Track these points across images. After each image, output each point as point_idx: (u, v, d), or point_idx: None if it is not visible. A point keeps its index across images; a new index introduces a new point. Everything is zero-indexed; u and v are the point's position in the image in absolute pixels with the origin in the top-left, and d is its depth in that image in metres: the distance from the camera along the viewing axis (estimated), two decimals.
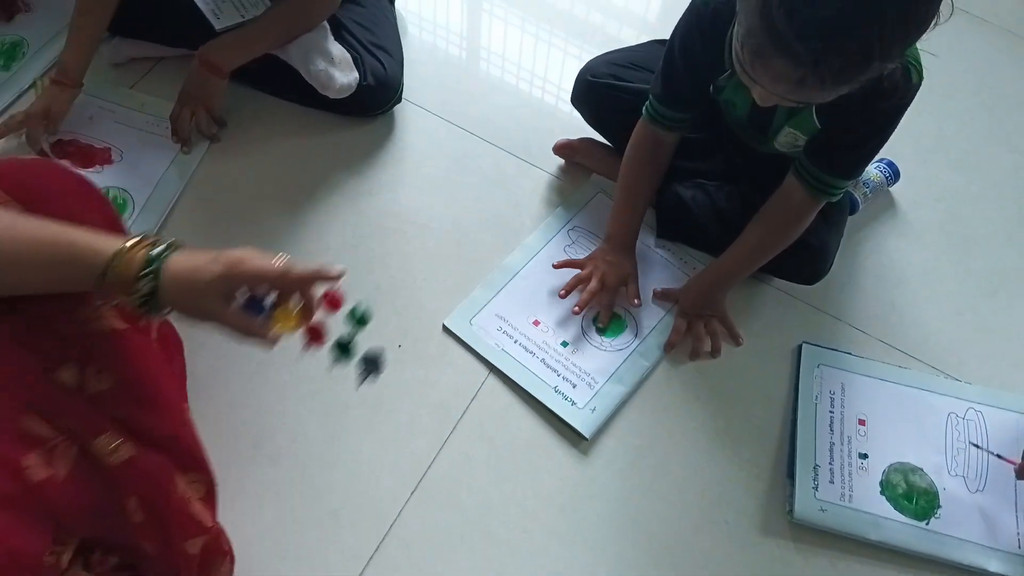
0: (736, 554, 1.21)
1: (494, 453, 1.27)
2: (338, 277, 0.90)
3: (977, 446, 1.30)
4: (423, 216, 1.50)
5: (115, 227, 0.95)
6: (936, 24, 0.92)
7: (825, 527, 1.22)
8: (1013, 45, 1.92)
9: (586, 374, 1.34)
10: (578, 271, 1.42)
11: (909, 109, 1.15)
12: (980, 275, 1.53)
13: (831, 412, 1.32)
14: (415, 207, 1.50)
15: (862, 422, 1.32)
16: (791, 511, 1.23)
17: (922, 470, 1.28)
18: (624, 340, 1.38)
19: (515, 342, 1.36)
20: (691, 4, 1.20)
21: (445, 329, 1.37)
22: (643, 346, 1.38)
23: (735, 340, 1.40)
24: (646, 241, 1.49)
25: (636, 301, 1.40)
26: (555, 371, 1.34)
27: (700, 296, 1.38)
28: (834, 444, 1.29)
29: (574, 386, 1.33)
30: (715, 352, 1.38)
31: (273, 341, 0.88)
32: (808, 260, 1.36)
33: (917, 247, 1.55)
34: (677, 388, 1.35)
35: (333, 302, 0.92)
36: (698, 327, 1.38)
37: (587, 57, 1.51)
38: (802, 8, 0.88)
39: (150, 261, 0.83)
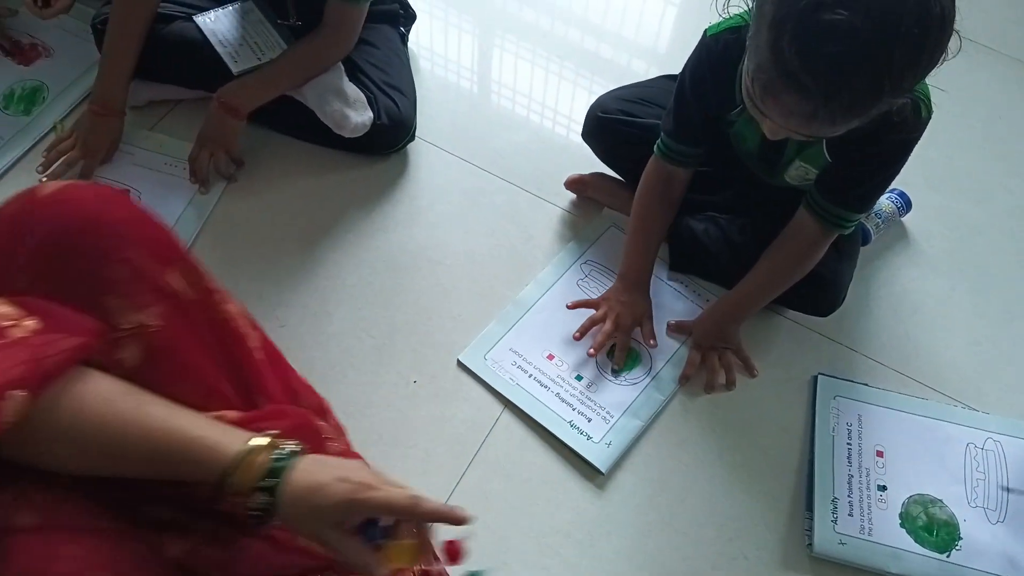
0: None
1: (511, 488, 1.27)
2: (465, 522, 0.81)
3: (1008, 490, 1.29)
4: (437, 252, 1.51)
5: (172, 248, 0.86)
6: (945, 60, 0.93)
7: (845, 560, 1.21)
8: (1022, 73, 1.93)
9: (601, 408, 1.34)
10: (592, 311, 1.42)
11: (922, 140, 1.16)
12: (996, 304, 1.53)
13: (848, 444, 1.32)
14: (429, 243, 1.52)
15: (880, 454, 1.31)
16: (810, 545, 1.22)
17: (942, 502, 1.27)
18: (638, 374, 1.38)
19: (529, 376, 1.36)
20: (701, 39, 1.22)
21: (460, 364, 1.37)
22: (657, 379, 1.38)
23: (750, 372, 1.39)
24: (659, 274, 1.50)
25: (652, 342, 1.40)
26: (570, 405, 1.34)
27: (714, 328, 1.38)
28: (852, 476, 1.28)
29: (589, 420, 1.33)
30: (730, 384, 1.38)
31: (384, 574, 0.80)
32: (821, 292, 1.36)
33: (931, 277, 1.55)
34: (693, 421, 1.35)
35: (454, 554, 0.87)
36: (712, 359, 1.38)
37: (598, 90, 1.53)
38: (813, 44, 0.89)
39: (272, 472, 0.76)
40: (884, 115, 0.99)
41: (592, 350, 1.38)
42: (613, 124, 1.46)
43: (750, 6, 1.05)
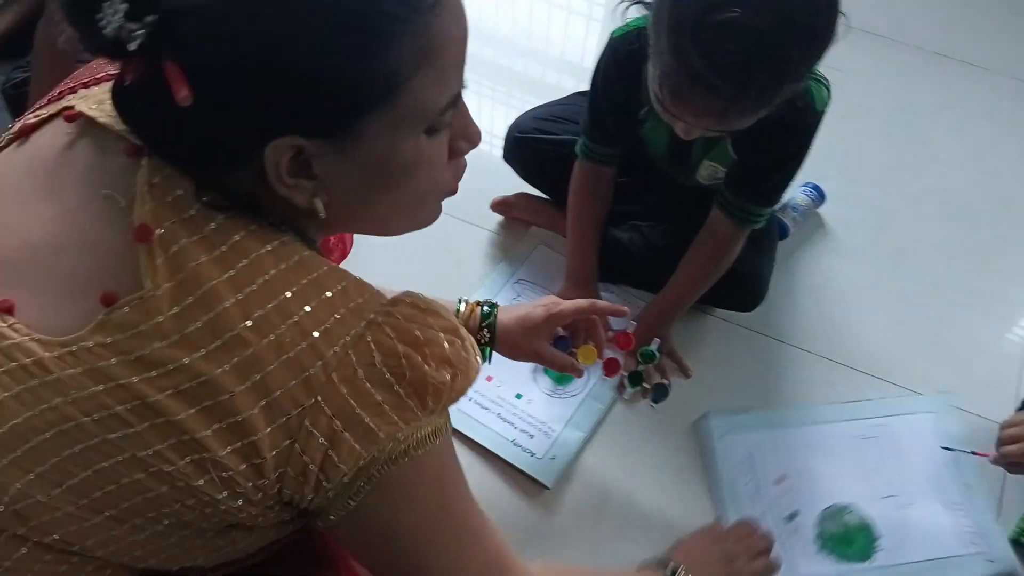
0: None
1: None
2: (627, 312, 1.16)
3: (948, 448, 1.30)
4: (372, 280, 1.51)
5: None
6: (834, 41, 0.98)
7: None
8: (923, 60, 2.01)
9: (542, 424, 1.36)
10: None
11: (830, 133, 1.21)
12: (914, 284, 1.58)
13: (746, 484, 1.30)
14: (366, 274, 1.51)
15: (780, 480, 1.30)
16: None
17: (850, 506, 1.27)
18: (576, 385, 1.40)
19: (470, 400, 1.38)
20: (608, 42, 1.26)
21: None
22: (595, 389, 1.40)
23: (684, 372, 1.43)
24: None
25: (610, 332, 1.42)
26: (511, 424, 1.35)
27: (646, 332, 1.41)
28: (764, 513, 1.26)
29: (531, 437, 1.34)
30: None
31: (581, 371, 1.15)
32: (743, 288, 1.40)
33: (850, 263, 1.60)
34: (635, 427, 1.37)
35: (626, 341, 1.21)
36: (647, 365, 1.41)
37: (526, 109, 1.57)
38: (714, 45, 0.94)
39: (485, 316, 1.07)
40: (783, 110, 1.04)
41: None
42: (531, 143, 1.49)
43: (650, 14, 1.09)
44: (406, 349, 0.61)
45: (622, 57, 1.22)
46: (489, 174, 1.61)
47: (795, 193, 1.62)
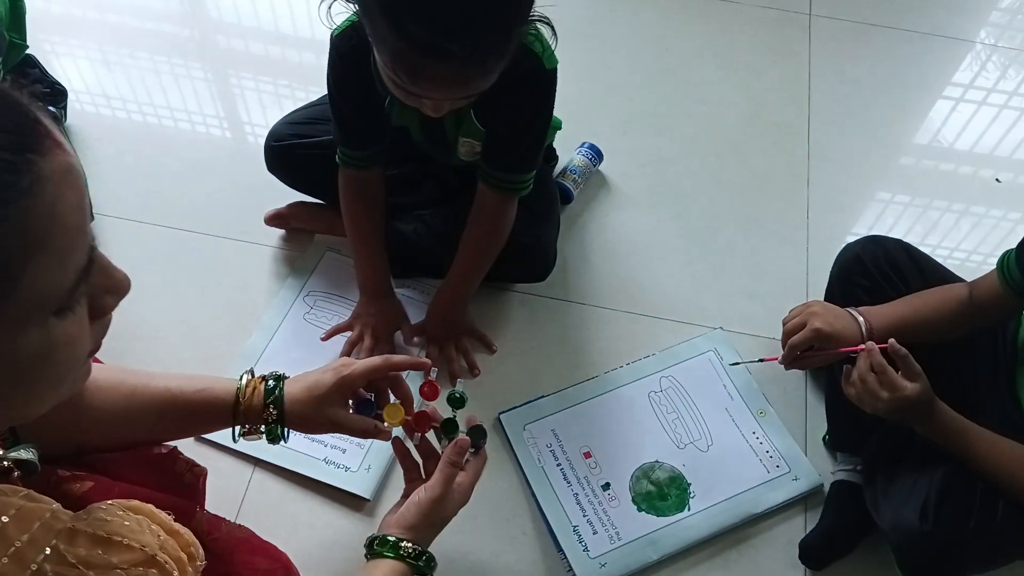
0: None
1: (279, 545, 1.21)
2: (429, 367, 1.06)
3: (737, 363, 1.35)
4: (147, 329, 1.41)
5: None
6: None
7: None
8: (679, 3, 2.04)
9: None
10: (348, 334, 1.40)
11: (597, 91, 1.21)
12: (699, 224, 1.63)
13: (559, 465, 1.30)
14: (136, 321, 1.41)
15: (587, 455, 1.31)
16: None
17: (657, 462, 1.30)
18: None
19: None
20: (330, 45, 1.21)
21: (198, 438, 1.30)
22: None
23: (488, 349, 1.41)
24: None
25: (416, 340, 1.40)
26: (321, 443, 1.30)
27: (441, 320, 1.39)
28: (578, 494, 1.27)
29: (344, 452, 1.29)
30: (472, 368, 1.39)
31: (388, 435, 1.03)
32: (528, 259, 1.40)
33: (637, 215, 1.63)
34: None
35: (432, 392, 1.04)
36: (448, 349, 1.38)
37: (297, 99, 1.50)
38: (434, 12, 0.92)
39: (270, 392, 0.97)
40: (513, 74, 1.05)
41: None
42: (289, 150, 1.42)
43: (355, 7, 1.05)
44: None
45: (347, 54, 1.18)
46: (259, 189, 1.54)
47: (572, 156, 1.63)
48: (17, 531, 0.53)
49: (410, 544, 0.94)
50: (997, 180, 1.75)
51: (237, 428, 0.98)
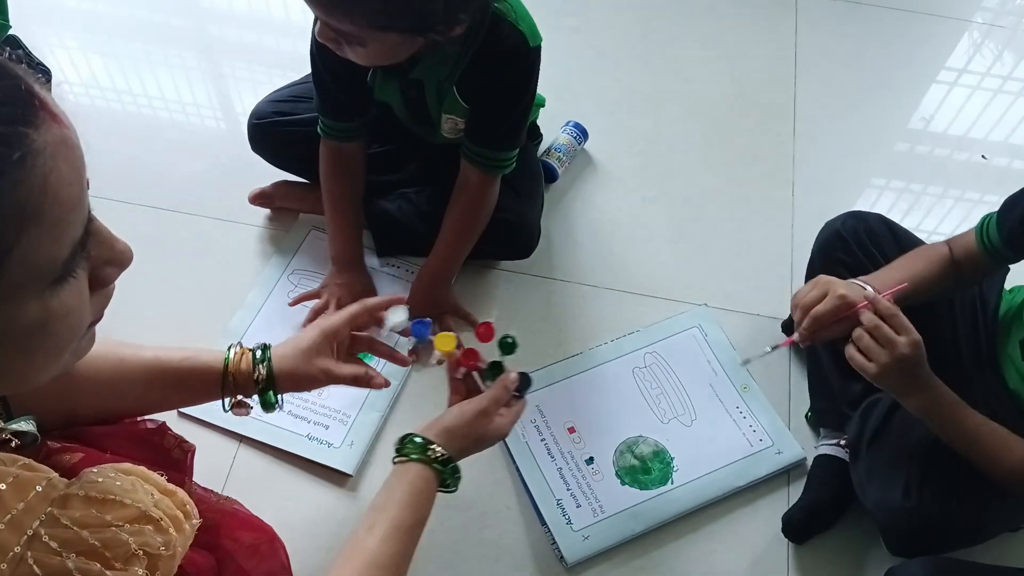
0: None
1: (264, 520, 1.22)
2: (401, 301, 1.08)
3: (748, 360, 1.28)
4: (133, 308, 1.40)
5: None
6: None
7: (597, 551, 1.21)
8: None
9: (336, 412, 1.31)
10: (315, 302, 1.40)
11: (583, 70, 1.20)
12: (684, 203, 1.63)
13: (542, 440, 1.30)
14: (121, 301, 1.39)
15: (572, 430, 1.31)
16: (563, 559, 1.20)
17: (641, 436, 1.30)
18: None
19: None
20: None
21: (181, 413, 1.30)
22: (388, 367, 1.36)
23: (473, 327, 1.42)
24: (371, 263, 1.48)
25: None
26: (304, 419, 1.30)
27: (425, 298, 1.39)
28: (561, 468, 1.27)
29: (327, 428, 1.30)
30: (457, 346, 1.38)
31: (381, 381, 1.04)
32: (511, 235, 1.40)
33: (622, 194, 1.63)
34: (431, 397, 1.34)
35: (487, 333, 1.07)
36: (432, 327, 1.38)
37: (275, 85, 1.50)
38: None
39: (256, 356, 0.97)
40: (495, 50, 1.07)
41: None
42: (271, 128, 1.42)
43: None
44: (79, 562, 0.53)
45: None
46: (241, 169, 1.54)
47: (557, 134, 1.63)
48: (14, 499, 0.53)
49: (440, 448, 0.95)
50: (983, 156, 1.76)
51: (227, 400, 0.98)
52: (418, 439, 0.95)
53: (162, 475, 0.67)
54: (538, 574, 1.22)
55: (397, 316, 1.15)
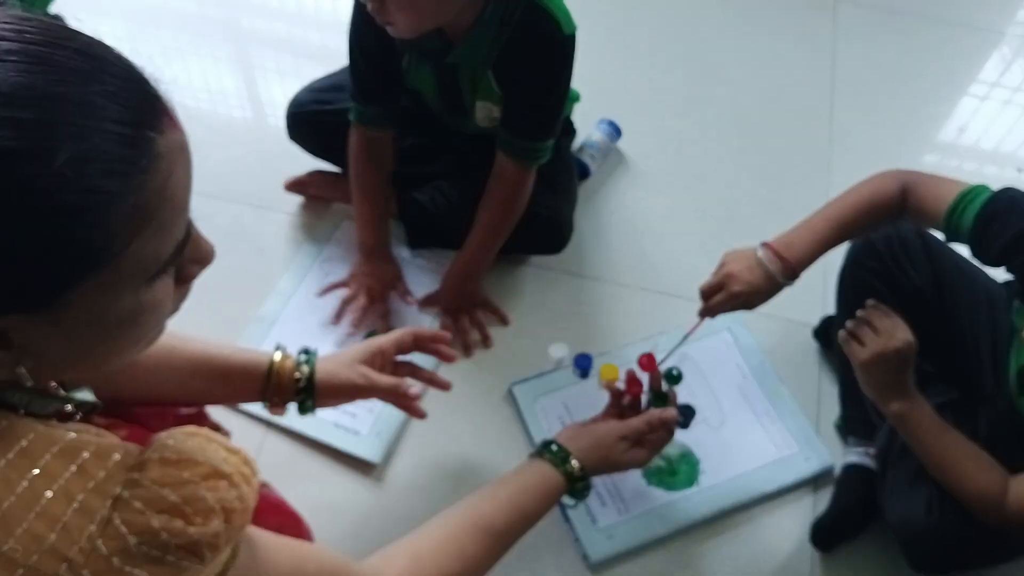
0: None
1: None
2: (448, 340, 1.14)
3: (685, 337, 1.27)
4: None
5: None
6: None
7: (621, 551, 1.19)
8: None
9: (363, 400, 1.31)
10: (344, 291, 1.41)
11: (620, 67, 1.20)
12: (715, 206, 1.62)
13: None
14: None
15: None
16: (586, 556, 1.19)
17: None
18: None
19: None
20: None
21: None
22: (414, 357, 1.36)
23: (502, 321, 1.42)
24: (403, 254, 1.49)
25: (409, 299, 1.41)
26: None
27: (455, 291, 1.40)
28: None
29: (354, 416, 1.30)
30: (485, 340, 1.39)
31: (414, 397, 1.08)
32: (544, 230, 1.40)
33: (654, 194, 1.63)
34: (462, 387, 1.34)
35: (649, 363, 1.14)
36: (462, 321, 1.39)
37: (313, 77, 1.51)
38: None
39: (301, 359, 1.00)
40: (528, 35, 1.09)
41: (352, 328, 1.37)
42: (310, 117, 1.43)
43: None
44: (163, 520, 0.55)
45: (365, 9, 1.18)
46: (278, 156, 1.55)
47: (591, 131, 1.63)
48: (96, 466, 0.55)
49: (578, 463, 1.01)
50: (1019, 171, 1.74)
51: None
52: (559, 448, 1.03)
53: (226, 433, 0.69)
54: (559, 571, 1.21)
55: (559, 352, 1.34)
